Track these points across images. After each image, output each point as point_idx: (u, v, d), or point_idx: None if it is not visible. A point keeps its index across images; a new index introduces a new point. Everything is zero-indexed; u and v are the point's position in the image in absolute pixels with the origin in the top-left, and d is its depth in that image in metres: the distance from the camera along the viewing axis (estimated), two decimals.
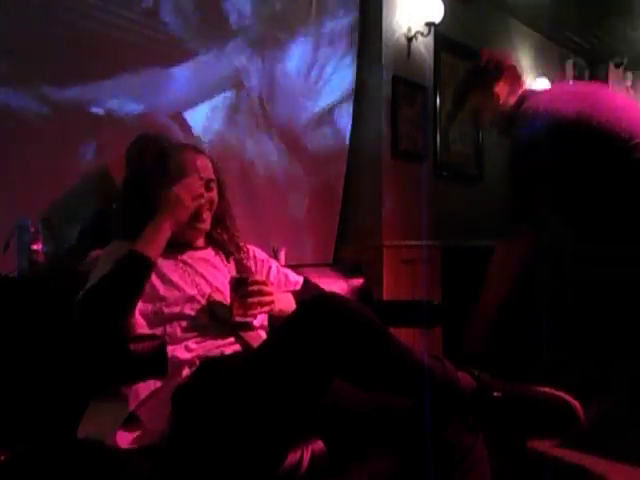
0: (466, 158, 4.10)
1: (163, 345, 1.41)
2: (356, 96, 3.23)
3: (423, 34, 3.33)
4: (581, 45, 5.10)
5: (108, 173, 2.17)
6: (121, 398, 1.34)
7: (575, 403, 1.19)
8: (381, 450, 1.34)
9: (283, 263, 2.16)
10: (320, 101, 3.08)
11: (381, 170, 3.17)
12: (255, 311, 1.43)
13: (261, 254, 1.71)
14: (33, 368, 1.44)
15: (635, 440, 2.12)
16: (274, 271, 1.68)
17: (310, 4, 3.00)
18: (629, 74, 5.78)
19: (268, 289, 1.45)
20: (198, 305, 1.44)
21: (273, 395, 1.18)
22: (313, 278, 1.78)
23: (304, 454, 1.28)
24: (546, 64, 4.92)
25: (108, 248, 1.50)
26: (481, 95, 2.15)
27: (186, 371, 1.34)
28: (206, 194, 1.51)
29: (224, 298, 1.47)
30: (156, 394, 1.33)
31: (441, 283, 3.27)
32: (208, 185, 1.53)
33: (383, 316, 1.22)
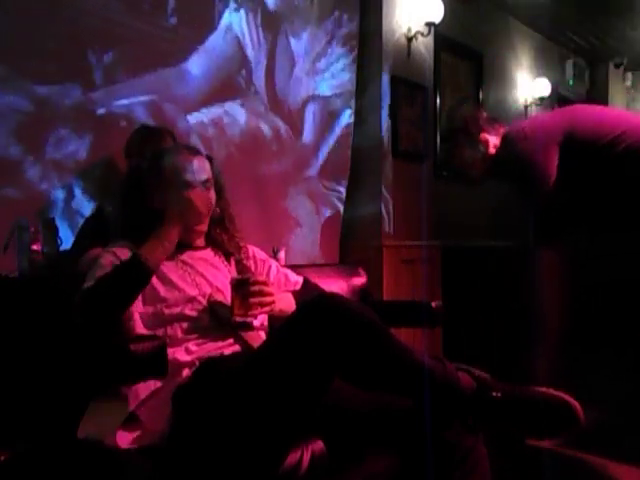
0: None
1: (163, 345, 1.40)
2: (356, 96, 3.23)
3: (423, 34, 3.33)
4: (581, 45, 5.10)
5: (112, 164, 2.15)
6: (121, 398, 1.34)
7: (575, 403, 1.19)
8: (381, 450, 1.34)
9: (283, 263, 2.16)
10: (320, 101, 3.08)
11: (381, 170, 3.17)
12: (256, 311, 1.43)
13: (261, 254, 1.71)
14: (33, 368, 1.45)
15: (634, 441, 2.12)
16: (274, 271, 1.68)
17: (311, 4, 3.00)
18: (629, 74, 5.78)
19: (269, 289, 1.45)
20: (199, 305, 1.44)
21: (273, 395, 1.18)
22: (313, 278, 1.78)
23: (304, 454, 1.28)
24: (546, 64, 4.92)
25: (107, 248, 1.49)
26: (470, 149, 2.44)
27: (186, 372, 1.34)
28: (203, 194, 1.51)
29: (224, 298, 1.47)
30: (156, 394, 1.33)
31: (441, 283, 3.27)
32: (205, 185, 1.52)
33: (383, 316, 1.22)
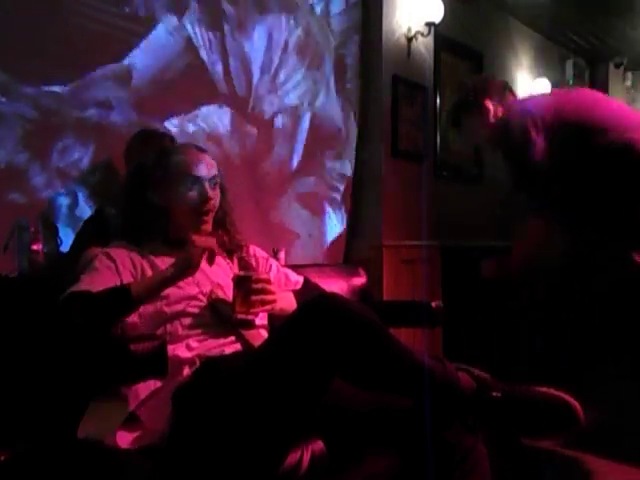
0: (466, 158, 4.10)
1: (163, 345, 1.40)
2: (356, 96, 3.23)
3: (423, 34, 3.33)
4: (581, 45, 5.10)
5: (112, 167, 2.16)
6: (121, 398, 1.34)
7: (575, 403, 1.19)
8: (381, 450, 1.34)
9: (283, 263, 2.16)
10: (322, 102, 3.08)
11: (381, 170, 3.17)
12: (257, 309, 1.43)
13: (262, 253, 1.71)
14: (33, 368, 1.45)
15: (634, 441, 2.12)
16: (274, 270, 1.68)
17: (311, 13, 3.00)
18: (629, 74, 5.78)
19: (271, 288, 1.45)
20: (199, 303, 1.44)
21: (273, 395, 1.18)
22: (313, 278, 1.78)
23: (304, 454, 1.28)
24: (546, 64, 4.92)
25: (104, 249, 1.49)
26: (473, 114, 2.30)
27: (186, 370, 1.34)
28: (211, 192, 1.51)
29: (225, 294, 1.47)
30: (156, 394, 1.33)
31: (441, 283, 3.27)
32: (212, 182, 1.52)
33: (383, 316, 1.22)
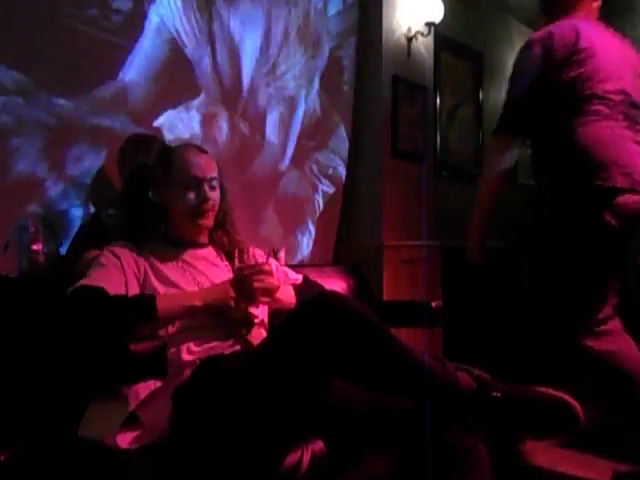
0: (466, 158, 4.10)
1: (163, 345, 1.41)
2: (356, 96, 3.23)
3: (423, 34, 3.33)
4: None
5: (106, 173, 2.17)
6: (121, 398, 1.34)
7: (575, 403, 1.19)
8: (381, 450, 1.34)
9: (283, 263, 2.16)
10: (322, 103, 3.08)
11: (381, 170, 3.17)
12: (259, 299, 1.42)
13: (260, 253, 1.71)
14: (33, 368, 1.45)
15: (634, 441, 2.12)
16: (273, 269, 1.67)
17: (310, 3, 3.00)
18: None
19: (272, 279, 1.43)
20: None
21: (273, 395, 1.18)
22: (313, 278, 1.78)
23: (304, 454, 1.28)
24: None
25: (108, 247, 1.49)
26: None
27: (187, 372, 1.34)
28: (209, 192, 1.51)
29: None
30: (156, 394, 1.33)
31: (441, 283, 3.27)
32: (211, 183, 1.53)
33: (383, 316, 1.22)
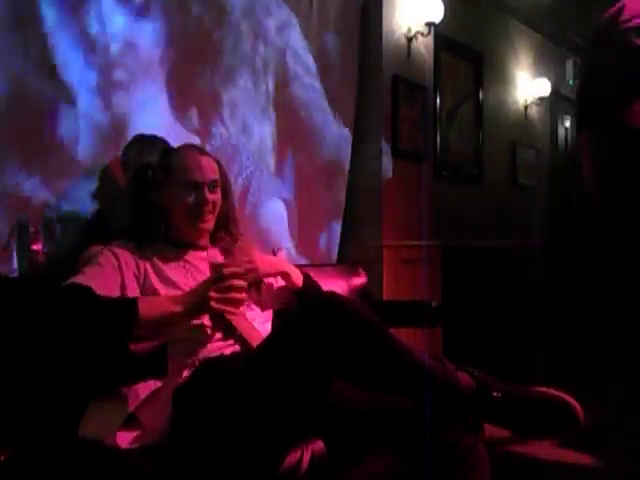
0: (466, 158, 4.10)
1: (163, 345, 1.41)
2: (356, 96, 3.23)
3: (423, 34, 3.33)
4: (581, 45, 5.10)
5: (112, 172, 2.16)
6: (121, 398, 1.34)
7: (575, 403, 1.19)
8: (381, 450, 1.34)
9: None
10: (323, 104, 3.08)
11: (381, 170, 3.17)
12: (231, 307, 1.36)
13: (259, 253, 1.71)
14: (34, 368, 1.45)
15: (634, 441, 2.12)
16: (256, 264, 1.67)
17: (310, 3, 3.00)
18: None
19: (239, 283, 1.35)
20: None
21: (273, 395, 1.18)
22: (313, 278, 1.78)
23: (304, 454, 1.28)
24: (546, 64, 4.92)
25: (109, 246, 1.49)
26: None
27: (186, 373, 1.34)
28: (209, 195, 1.51)
29: None
30: (156, 394, 1.33)
31: (441, 283, 3.27)
32: (211, 186, 1.53)
33: (383, 316, 1.22)
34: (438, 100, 3.77)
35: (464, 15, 3.96)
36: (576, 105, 2.06)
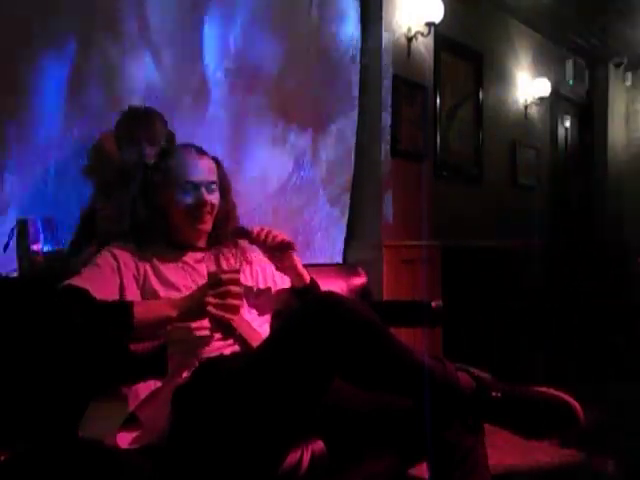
0: (466, 158, 4.10)
1: (163, 345, 1.41)
2: (356, 96, 3.22)
3: (423, 34, 3.32)
4: (581, 45, 5.10)
5: (104, 146, 2.11)
6: (121, 398, 1.34)
7: (575, 403, 1.19)
8: (381, 450, 1.34)
9: None
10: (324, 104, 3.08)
11: (381, 170, 3.17)
12: (229, 314, 1.35)
13: (261, 256, 1.70)
14: (34, 368, 1.45)
15: (634, 441, 2.12)
16: (272, 270, 1.67)
17: (310, 4, 3.00)
18: (629, 74, 5.78)
19: (236, 289, 1.35)
20: None
21: (273, 395, 1.18)
22: (313, 278, 1.77)
23: (304, 454, 1.28)
24: (546, 64, 4.92)
25: (109, 247, 1.49)
26: None
27: (186, 373, 1.34)
28: (207, 196, 1.51)
29: None
30: (156, 394, 1.33)
31: (441, 283, 3.27)
32: (209, 187, 1.52)
33: (383, 316, 1.22)
34: (438, 100, 3.77)
35: (464, 15, 3.96)
36: None
